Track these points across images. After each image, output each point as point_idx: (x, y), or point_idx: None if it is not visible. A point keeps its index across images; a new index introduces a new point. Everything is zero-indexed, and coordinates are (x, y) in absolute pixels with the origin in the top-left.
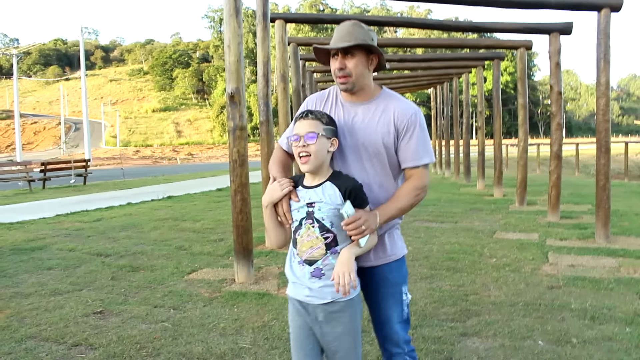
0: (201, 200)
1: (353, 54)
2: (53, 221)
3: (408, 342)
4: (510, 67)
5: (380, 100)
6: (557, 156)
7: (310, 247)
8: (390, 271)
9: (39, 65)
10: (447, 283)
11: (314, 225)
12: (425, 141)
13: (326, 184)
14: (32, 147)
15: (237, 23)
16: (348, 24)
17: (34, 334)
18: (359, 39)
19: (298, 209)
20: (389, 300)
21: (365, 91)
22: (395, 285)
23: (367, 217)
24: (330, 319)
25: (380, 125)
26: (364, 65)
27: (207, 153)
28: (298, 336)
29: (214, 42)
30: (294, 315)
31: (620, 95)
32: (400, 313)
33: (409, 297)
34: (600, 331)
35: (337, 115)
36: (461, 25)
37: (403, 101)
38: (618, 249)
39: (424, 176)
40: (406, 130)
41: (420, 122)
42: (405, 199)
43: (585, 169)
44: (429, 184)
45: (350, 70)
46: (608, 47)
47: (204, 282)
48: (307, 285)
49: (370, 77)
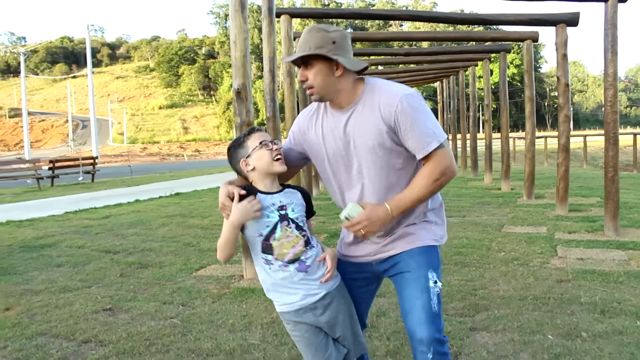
0: (209, 196)
1: (311, 64)
2: (62, 218)
3: (438, 341)
4: (517, 59)
5: (365, 97)
6: (565, 149)
7: (292, 247)
8: (413, 255)
9: (46, 63)
10: (455, 277)
11: (291, 226)
12: (426, 123)
13: (287, 189)
14: (40, 145)
15: (243, 18)
16: (306, 31)
17: (44, 330)
18: (314, 47)
19: (268, 215)
20: (411, 286)
21: (344, 96)
22: (419, 269)
23: (368, 221)
24: (329, 309)
25: (371, 126)
26: (325, 74)
27: (214, 149)
28: (310, 340)
29: (220, 38)
30: (296, 324)
31: (628, 86)
32: (425, 303)
33: (439, 285)
34: (611, 325)
35: (329, 126)
36: (467, 17)
37: (387, 91)
38: (628, 242)
39: (442, 159)
40: (398, 122)
41: (411, 106)
42: (422, 187)
43: (593, 161)
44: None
45: (311, 82)
46: (615, 38)
47: (213, 279)
48: (297, 286)
49: (341, 82)
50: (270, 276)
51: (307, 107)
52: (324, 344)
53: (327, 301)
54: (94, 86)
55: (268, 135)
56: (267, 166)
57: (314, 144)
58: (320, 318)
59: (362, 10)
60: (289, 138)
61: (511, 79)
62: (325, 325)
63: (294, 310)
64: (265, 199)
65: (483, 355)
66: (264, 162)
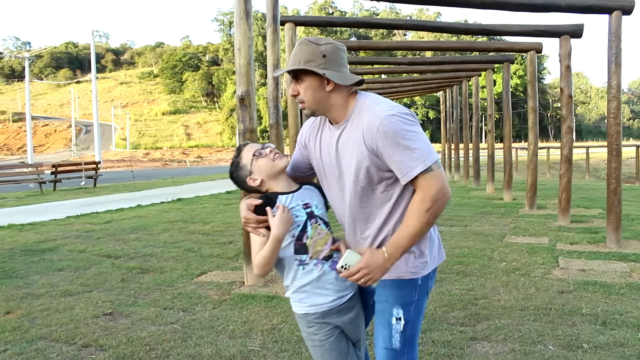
0: (211, 202)
1: (302, 79)
2: (64, 223)
3: None
4: (520, 70)
5: (354, 115)
6: (568, 160)
7: (325, 244)
8: (385, 286)
9: (50, 68)
10: (456, 287)
11: (319, 223)
12: (411, 146)
13: (304, 186)
14: (43, 150)
15: (248, 26)
16: (297, 44)
17: (44, 334)
18: (303, 61)
19: (296, 214)
20: (377, 317)
21: (336, 112)
22: (385, 303)
23: (368, 269)
24: (354, 311)
25: (355, 148)
26: (314, 88)
27: (216, 156)
28: (333, 345)
29: (224, 45)
30: (322, 326)
31: (632, 99)
32: (386, 337)
33: (402, 324)
34: (612, 336)
35: (326, 141)
36: (470, 27)
37: (371, 111)
38: (629, 254)
39: (430, 184)
40: (379, 147)
41: (393, 130)
42: (414, 221)
43: (595, 173)
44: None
45: (302, 97)
46: (619, 50)
47: (214, 285)
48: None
49: (334, 97)
50: (301, 278)
51: (310, 118)
52: (346, 350)
53: (352, 302)
54: (98, 91)
55: (256, 144)
56: (271, 169)
57: (313, 156)
58: (345, 320)
59: (366, 19)
60: (296, 148)
61: (514, 90)
62: (349, 328)
63: (321, 311)
64: (288, 198)
65: None
66: (265, 168)
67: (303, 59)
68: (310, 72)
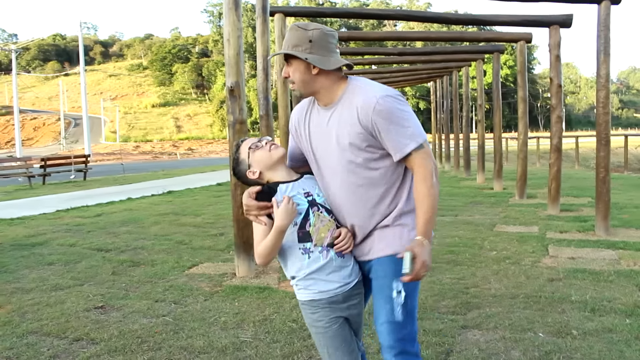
0: (201, 194)
1: (290, 62)
2: (53, 217)
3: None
4: (510, 60)
5: (345, 97)
6: (557, 149)
7: (329, 230)
8: (381, 263)
9: (37, 61)
10: (447, 276)
11: (322, 211)
12: (404, 124)
13: (305, 175)
14: (31, 143)
15: (237, 16)
16: (288, 29)
17: (35, 329)
18: (290, 46)
19: (298, 203)
20: (376, 294)
21: (324, 94)
22: (384, 278)
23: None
24: (357, 297)
25: (348, 126)
26: (302, 71)
27: (207, 148)
28: (337, 332)
29: (213, 36)
30: (327, 313)
31: (620, 88)
32: (388, 312)
33: (402, 296)
34: (601, 323)
35: (315, 122)
36: (461, 18)
37: (365, 91)
38: (618, 241)
39: (423, 161)
40: (375, 123)
41: (387, 109)
42: (427, 200)
43: (585, 162)
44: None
45: (292, 78)
46: (608, 40)
47: (205, 277)
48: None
49: (320, 80)
50: (308, 267)
51: (300, 103)
52: (349, 337)
53: (357, 290)
54: (87, 84)
55: (254, 139)
56: (268, 160)
57: (303, 140)
58: (350, 306)
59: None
60: (290, 138)
61: (504, 80)
62: (354, 315)
63: (327, 297)
64: (288, 187)
65: (474, 353)
66: (263, 159)
67: (291, 44)
68: (296, 56)
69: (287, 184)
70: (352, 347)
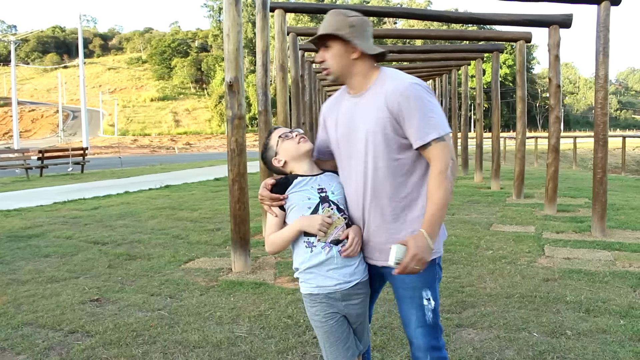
0: (199, 189)
1: (330, 46)
2: (50, 209)
3: (434, 348)
4: (510, 59)
5: (376, 85)
6: (555, 149)
7: (335, 228)
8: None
9: (37, 53)
10: (443, 274)
11: (332, 208)
12: (429, 113)
13: (327, 172)
14: (29, 135)
15: (237, 12)
16: (328, 14)
17: (30, 320)
18: (332, 29)
19: (309, 197)
20: (407, 302)
21: (358, 81)
22: (414, 290)
23: (419, 253)
24: (357, 297)
25: (375, 112)
26: (342, 56)
27: (205, 143)
28: (333, 328)
29: (213, 31)
30: (324, 308)
31: (619, 90)
32: (420, 318)
33: (432, 302)
34: (595, 323)
35: (343, 111)
36: (461, 16)
37: (395, 79)
38: (614, 242)
39: (441, 154)
40: (401, 109)
41: (415, 95)
42: (440, 193)
43: (582, 163)
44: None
45: (328, 63)
46: (607, 41)
47: (201, 271)
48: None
49: (357, 65)
50: (309, 261)
51: (333, 95)
52: (345, 335)
53: (358, 290)
54: (85, 77)
55: (286, 129)
56: (295, 151)
57: (330, 128)
58: (349, 306)
59: (356, 6)
60: (319, 130)
61: (503, 79)
62: (352, 314)
63: (325, 293)
64: (304, 180)
65: (469, 352)
66: (290, 150)
67: (333, 27)
68: (338, 39)
69: (305, 178)
70: (347, 346)
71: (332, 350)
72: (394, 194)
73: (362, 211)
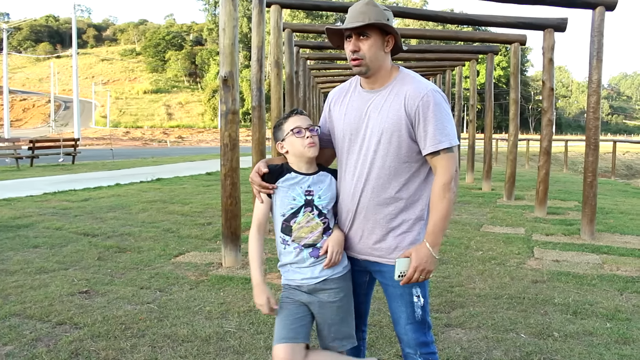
0: (190, 183)
1: (367, 35)
2: (40, 199)
3: (424, 344)
4: (504, 61)
5: (395, 83)
6: (547, 152)
7: (310, 232)
8: None
9: (29, 42)
10: (433, 274)
11: (314, 212)
12: (444, 123)
13: (321, 172)
14: (20, 125)
15: (233, 6)
16: (361, 3)
17: (18, 311)
18: (373, 18)
19: (294, 197)
20: (397, 300)
21: (381, 75)
22: (404, 287)
23: (422, 265)
24: (325, 292)
25: (392, 111)
26: (378, 47)
27: (197, 137)
28: (288, 306)
29: (208, 25)
30: (290, 294)
31: (611, 94)
32: (409, 314)
33: (422, 300)
34: (582, 326)
35: (354, 103)
36: (456, 17)
37: (417, 82)
38: (602, 246)
39: (448, 165)
40: (418, 114)
41: (435, 102)
42: (444, 203)
43: (573, 166)
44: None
45: (363, 53)
46: (601, 45)
47: (191, 265)
48: (303, 267)
49: (386, 59)
50: (283, 257)
51: (340, 85)
52: (294, 318)
53: (326, 286)
54: (78, 67)
55: (305, 120)
56: (299, 152)
57: (335, 120)
58: (316, 300)
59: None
60: (322, 116)
61: (497, 81)
62: (317, 305)
63: (294, 285)
64: (296, 177)
65: (456, 351)
66: (295, 148)
67: (373, 18)
68: (377, 30)
69: (297, 176)
70: (291, 327)
71: (278, 325)
72: (396, 194)
73: (358, 205)
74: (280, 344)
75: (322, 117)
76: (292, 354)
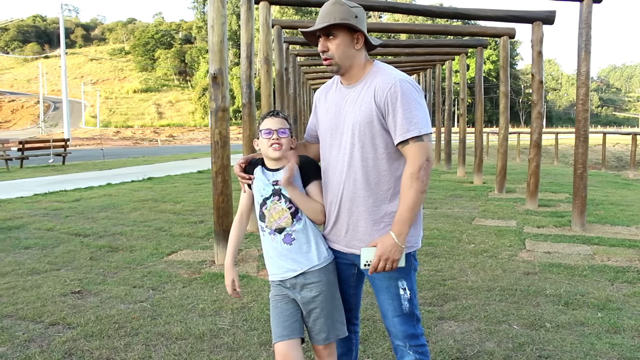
0: (182, 182)
1: (334, 35)
2: (31, 200)
3: (412, 336)
4: (493, 55)
5: (368, 77)
6: (537, 145)
7: (279, 218)
8: None
9: (17, 42)
10: (425, 268)
11: (280, 200)
12: (412, 111)
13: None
14: (9, 126)
15: (222, 3)
16: (329, 3)
17: (10, 312)
18: (338, 18)
19: (264, 187)
20: (383, 293)
21: (355, 71)
22: (390, 280)
23: (386, 254)
24: (307, 287)
25: (364, 104)
26: (346, 45)
27: (188, 135)
28: (279, 304)
29: (197, 23)
30: (276, 290)
31: (600, 87)
32: (396, 307)
33: (408, 292)
34: (573, 316)
35: (334, 99)
36: (445, 11)
37: (387, 74)
38: (593, 237)
39: (417, 155)
40: (387, 104)
41: (402, 92)
42: (411, 193)
43: (564, 159)
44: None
45: (332, 53)
46: (589, 38)
47: (184, 264)
48: (279, 260)
49: (358, 56)
50: (264, 243)
51: (326, 82)
52: (287, 314)
53: (307, 280)
54: (67, 67)
55: (278, 122)
56: (265, 152)
57: (320, 117)
58: (299, 294)
59: None
60: (311, 116)
61: (487, 75)
62: (300, 301)
63: (277, 280)
64: (265, 172)
65: (450, 344)
66: (263, 147)
67: (339, 17)
68: (344, 29)
69: (267, 172)
70: (286, 324)
71: (273, 324)
72: (376, 187)
73: (341, 199)
74: (278, 342)
75: (311, 115)
76: (289, 350)
